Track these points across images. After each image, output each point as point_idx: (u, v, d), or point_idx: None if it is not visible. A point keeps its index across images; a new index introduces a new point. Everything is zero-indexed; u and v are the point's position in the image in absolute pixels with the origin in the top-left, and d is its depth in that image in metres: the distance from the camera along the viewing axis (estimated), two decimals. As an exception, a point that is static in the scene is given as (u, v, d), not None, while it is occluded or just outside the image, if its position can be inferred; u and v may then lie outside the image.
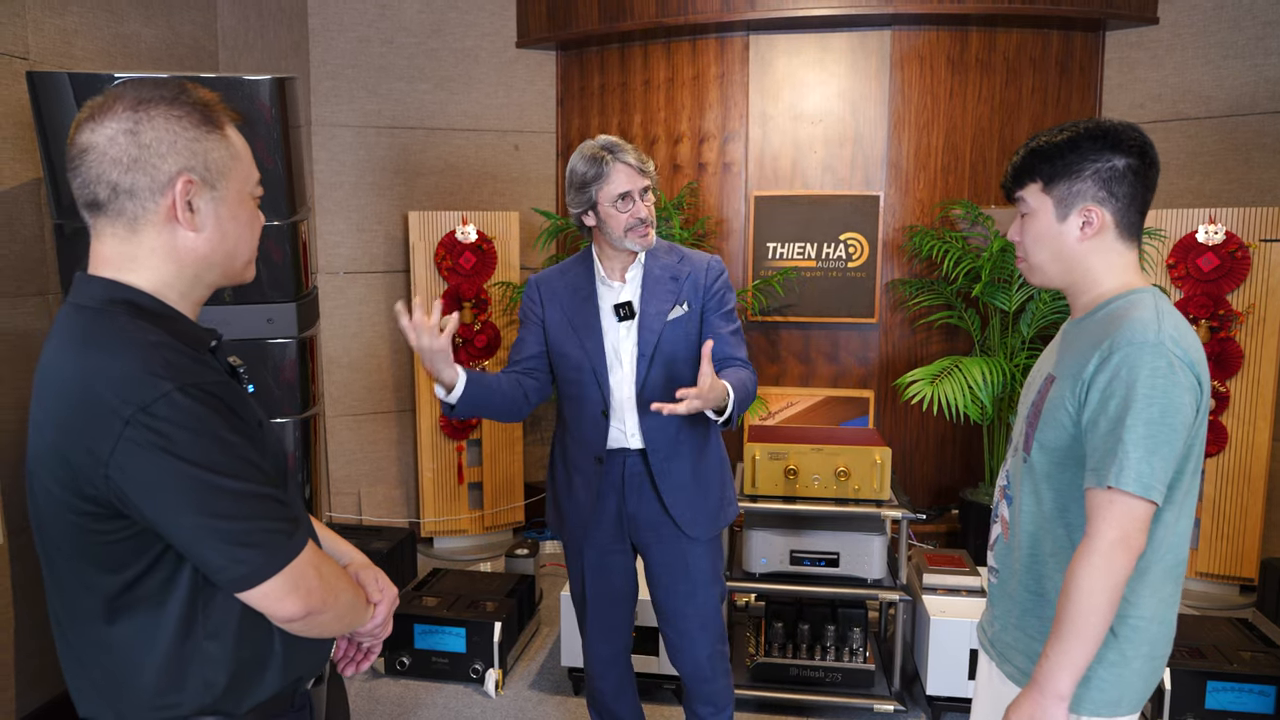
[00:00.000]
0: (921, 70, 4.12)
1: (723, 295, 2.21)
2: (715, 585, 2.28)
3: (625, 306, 2.15)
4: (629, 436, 2.20)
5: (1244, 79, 3.83)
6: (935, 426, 4.28)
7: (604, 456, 2.21)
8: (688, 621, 2.26)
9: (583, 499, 2.24)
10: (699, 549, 2.23)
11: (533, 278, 2.34)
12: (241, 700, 1.16)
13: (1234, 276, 3.58)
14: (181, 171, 1.10)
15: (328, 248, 4.37)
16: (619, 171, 2.09)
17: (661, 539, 2.23)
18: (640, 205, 2.12)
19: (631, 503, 2.21)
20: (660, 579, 2.26)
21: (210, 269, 1.17)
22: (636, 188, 2.11)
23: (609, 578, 2.28)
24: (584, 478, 2.24)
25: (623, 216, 2.11)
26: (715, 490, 2.26)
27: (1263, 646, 2.93)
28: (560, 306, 2.24)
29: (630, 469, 2.20)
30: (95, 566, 1.09)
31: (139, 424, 1.01)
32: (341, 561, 1.36)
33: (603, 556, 2.27)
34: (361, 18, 4.30)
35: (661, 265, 2.21)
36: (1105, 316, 1.43)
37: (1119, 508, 1.31)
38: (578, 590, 2.35)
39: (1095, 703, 1.41)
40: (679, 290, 2.19)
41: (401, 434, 4.60)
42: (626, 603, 2.34)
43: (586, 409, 2.20)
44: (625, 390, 2.19)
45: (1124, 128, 1.43)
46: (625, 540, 2.26)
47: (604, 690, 2.40)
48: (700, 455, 2.23)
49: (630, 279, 2.21)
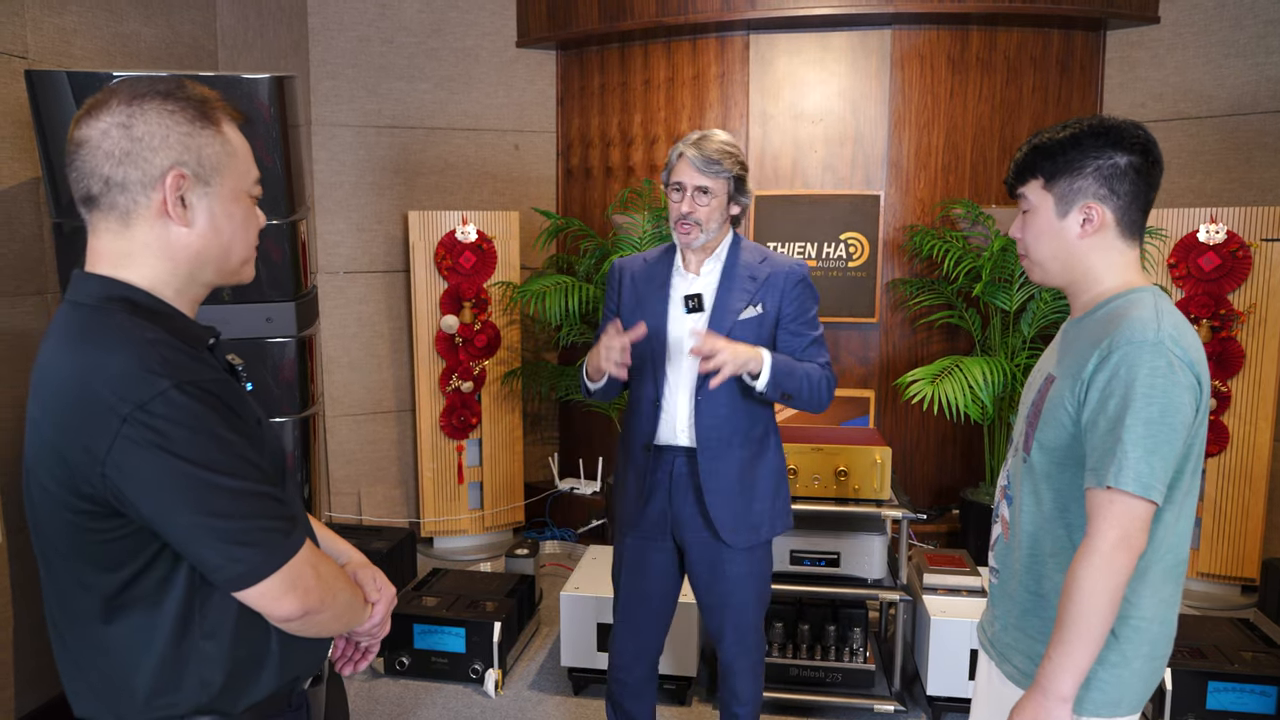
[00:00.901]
0: (922, 69, 4.11)
1: (803, 301, 2.22)
2: (753, 592, 2.28)
3: (695, 298, 2.16)
4: (679, 433, 2.22)
5: (1245, 78, 3.82)
6: (936, 426, 4.27)
7: (652, 446, 2.23)
8: (722, 624, 2.29)
9: (631, 488, 2.28)
10: (737, 555, 2.23)
11: (616, 261, 2.36)
12: (238, 700, 1.15)
13: (1235, 276, 3.57)
14: (173, 166, 1.10)
15: (327, 247, 4.36)
16: (682, 162, 2.15)
17: (700, 540, 2.24)
18: (685, 200, 2.14)
19: (676, 500, 2.23)
20: (698, 577, 2.29)
21: (204, 266, 1.16)
22: (690, 183, 2.14)
23: (644, 572, 2.29)
24: (634, 466, 2.27)
25: (673, 206, 2.17)
26: (764, 499, 2.25)
27: (1264, 647, 2.92)
28: (635, 289, 2.28)
29: (678, 467, 2.23)
30: (92, 565, 1.09)
31: (136, 422, 1.01)
32: (340, 561, 1.35)
33: (642, 551, 2.29)
34: (361, 17, 4.29)
35: (743, 264, 2.22)
36: (1105, 315, 1.43)
37: (1119, 507, 1.31)
38: (616, 577, 2.37)
39: (1095, 703, 1.41)
40: (755, 291, 2.20)
41: (401, 434, 4.59)
42: (659, 601, 2.32)
43: (643, 395, 2.24)
44: (683, 383, 2.20)
45: (1127, 125, 1.43)
46: (668, 538, 2.28)
47: (624, 683, 2.38)
48: (753, 461, 2.23)
49: (706, 273, 2.23)
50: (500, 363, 4.39)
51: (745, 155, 2.26)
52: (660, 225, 4.05)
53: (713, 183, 2.14)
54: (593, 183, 4.63)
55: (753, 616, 2.31)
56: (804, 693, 3.01)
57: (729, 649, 2.31)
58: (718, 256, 2.23)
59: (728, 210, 2.20)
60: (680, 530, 2.25)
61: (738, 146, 2.21)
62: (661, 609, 2.34)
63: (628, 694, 2.39)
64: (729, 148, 2.17)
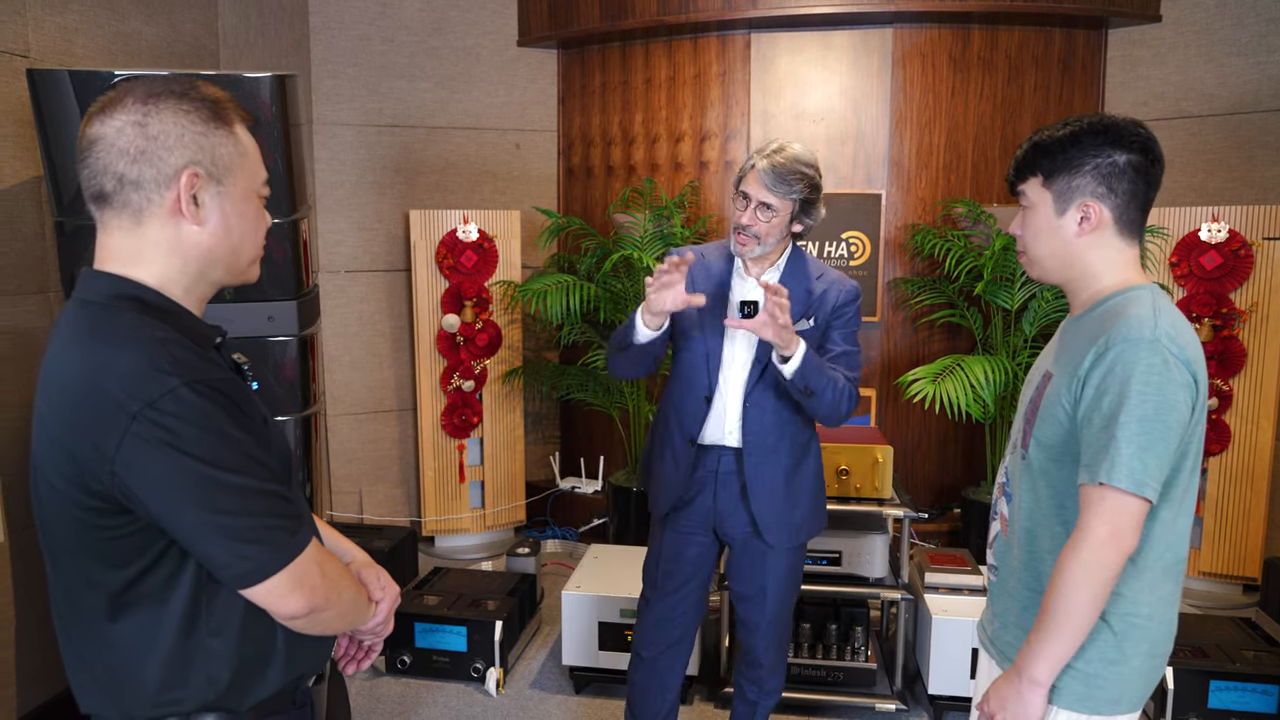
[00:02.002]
0: (923, 68, 4.11)
1: (849, 316, 2.23)
2: (788, 587, 2.33)
3: (752, 305, 2.14)
4: (727, 434, 2.23)
5: (1247, 77, 3.82)
6: (937, 425, 4.27)
7: (698, 441, 2.24)
8: (756, 615, 2.33)
9: (671, 479, 2.29)
10: (777, 554, 2.27)
11: (673, 251, 2.30)
12: (244, 697, 1.16)
13: (1237, 275, 3.57)
14: (188, 165, 1.11)
15: (329, 246, 4.37)
16: (753, 173, 2.12)
17: (743, 537, 2.28)
18: (748, 212, 2.12)
19: (720, 499, 2.26)
20: (739, 570, 2.32)
21: (214, 265, 1.17)
22: (756, 197, 2.11)
23: (680, 563, 2.32)
24: (675, 458, 2.28)
25: (735, 213, 2.16)
26: (805, 501, 2.28)
27: (1266, 646, 2.92)
28: (693, 288, 2.24)
29: (725, 466, 2.25)
30: (99, 562, 1.09)
31: (145, 419, 1.01)
32: (344, 559, 1.36)
33: (680, 544, 2.31)
34: (362, 16, 4.30)
35: (801, 276, 2.22)
36: (1103, 313, 1.43)
37: (1110, 504, 1.31)
38: (650, 563, 2.38)
39: (1095, 700, 1.41)
40: (810, 304, 2.21)
41: (403, 433, 4.59)
42: (691, 591, 2.34)
43: (694, 391, 2.24)
44: (734, 386, 2.22)
45: (1127, 124, 1.43)
46: (709, 533, 2.31)
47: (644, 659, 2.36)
48: (798, 464, 2.26)
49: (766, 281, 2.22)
50: (501, 362, 4.39)
51: (820, 174, 2.17)
52: (661, 224, 4.06)
53: (778, 201, 2.10)
54: (594, 182, 4.63)
55: (787, 612, 2.37)
56: (806, 691, 3.01)
57: (761, 641, 2.35)
58: (777, 267, 2.24)
59: (789, 228, 2.18)
60: (722, 526, 2.29)
61: (814, 165, 2.14)
62: (692, 594, 2.35)
63: (643, 668, 2.37)
64: (804, 167, 2.11)
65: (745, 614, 2.36)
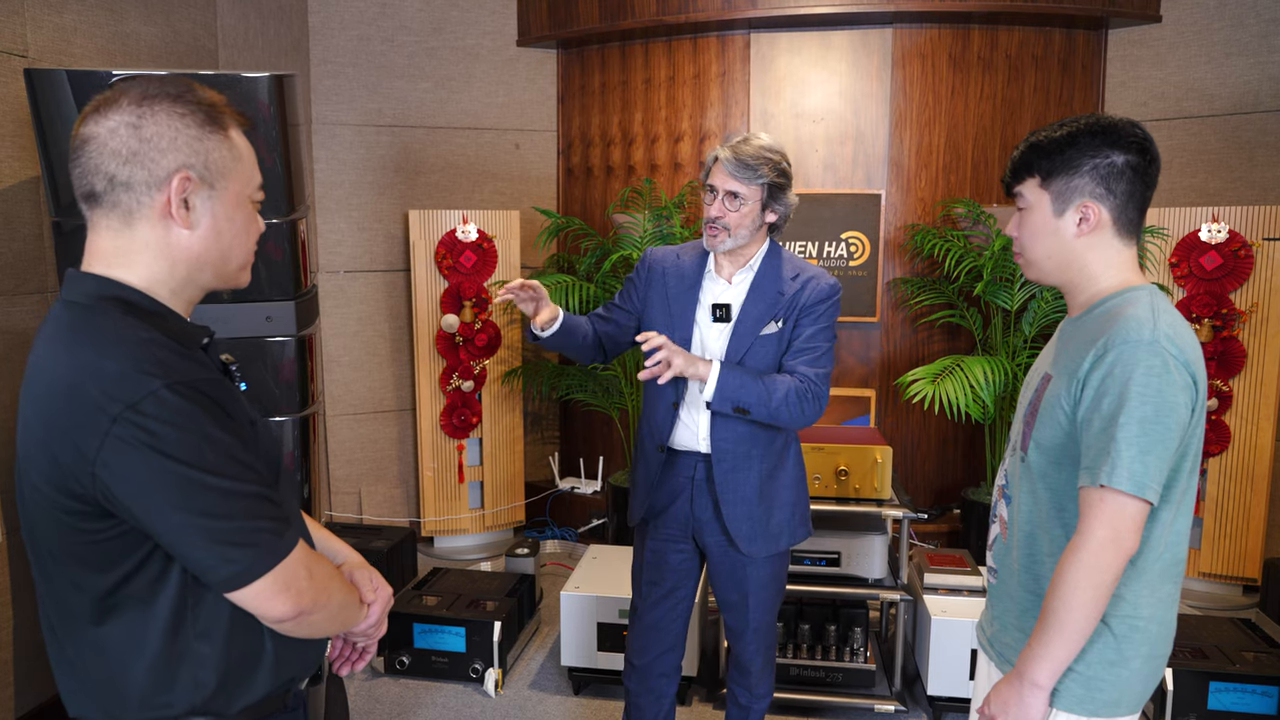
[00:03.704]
0: (923, 68, 4.10)
1: (820, 314, 2.15)
2: (771, 594, 2.30)
3: (723, 309, 2.10)
4: (700, 440, 2.20)
5: (1247, 77, 3.81)
6: (937, 426, 4.27)
7: (667, 448, 2.22)
8: (740, 623, 2.31)
9: (642, 486, 2.28)
10: (756, 563, 2.24)
11: (649, 250, 2.31)
12: (232, 701, 1.15)
13: (1237, 275, 3.56)
14: (180, 168, 1.10)
15: (328, 246, 4.36)
16: (717, 165, 2.11)
17: (720, 545, 2.24)
18: (716, 204, 2.10)
19: (696, 505, 2.23)
20: (718, 579, 2.30)
21: (202, 269, 1.16)
22: (722, 187, 2.09)
23: (663, 571, 2.30)
24: (647, 464, 2.27)
25: (705, 208, 2.13)
26: (783, 510, 2.24)
27: (1266, 647, 2.91)
28: (664, 289, 2.22)
29: (700, 474, 2.22)
30: (84, 566, 1.08)
31: (126, 421, 1.00)
32: (336, 561, 1.35)
33: (661, 551, 2.29)
34: (362, 16, 4.29)
35: (774, 278, 2.16)
36: (1101, 314, 1.42)
37: (1110, 506, 1.31)
38: (635, 572, 2.38)
39: (1095, 703, 1.40)
40: (778, 307, 2.14)
41: (402, 433, 4.59)
42: (677, 596, 2.31)
43: (663, 396, 2.21)
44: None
45: (1124, 124, 1.42)
46: (689, 540, 2.28)
47: (636, 667, 2.35)
48: (773, 470, 2.21)
49: (737, 282, 2.18)
50: (501, 362, 4.39)
51: (787, 161, 2.13)
52: (661, 224, 4.05)
53: (745, 189, 2.08)
54: (593, 182, 4.62)
55: (770, 616, 2.34)
56: (805, 692, 3.00)
57: (747, 646, 2.34)
58: (750, 267, 2.18)
59: (761, 218, 2.13)
60: (701, 534, 2.26)
61: (779, 152, 2.12)
62: (679, 603, 2.33)
63: (635, 676, 2.36)
64: (768, 153, 2.08)
65: (730, 621, 2.34)
